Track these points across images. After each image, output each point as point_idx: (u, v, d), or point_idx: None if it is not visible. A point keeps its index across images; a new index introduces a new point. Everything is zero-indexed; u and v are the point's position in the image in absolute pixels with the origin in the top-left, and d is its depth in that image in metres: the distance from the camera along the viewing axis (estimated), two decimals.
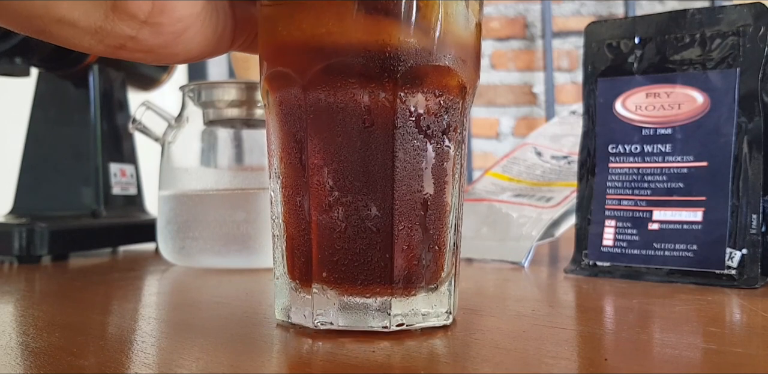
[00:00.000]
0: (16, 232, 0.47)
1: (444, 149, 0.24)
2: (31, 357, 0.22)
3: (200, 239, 0.44)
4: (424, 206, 0.24)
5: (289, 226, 0.25)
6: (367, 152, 0.23)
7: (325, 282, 0.24)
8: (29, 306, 0.32)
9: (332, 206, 0.23)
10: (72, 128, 0.58)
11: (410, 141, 0.23)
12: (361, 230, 0.23)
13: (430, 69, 0.23)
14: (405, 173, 0.23)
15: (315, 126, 0.23)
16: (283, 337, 0.24)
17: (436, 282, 0.25)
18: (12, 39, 0.51)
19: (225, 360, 0.21)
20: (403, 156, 0.23)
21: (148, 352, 0.22)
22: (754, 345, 0.23)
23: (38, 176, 0.57)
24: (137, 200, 0.62)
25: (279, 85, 0.25)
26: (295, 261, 0.25)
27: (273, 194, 0.26)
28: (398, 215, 0.23)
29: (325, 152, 0.23)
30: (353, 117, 0.23)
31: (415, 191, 0.24)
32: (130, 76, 0.63)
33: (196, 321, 0.27)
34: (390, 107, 0.23)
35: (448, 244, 0.25)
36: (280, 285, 0.26)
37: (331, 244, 0.24)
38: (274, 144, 0.25)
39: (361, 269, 0.23)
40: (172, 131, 0.48)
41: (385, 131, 0.23)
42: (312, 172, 0.24)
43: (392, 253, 0.23)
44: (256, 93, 0.46)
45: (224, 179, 0.48)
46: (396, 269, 0.23)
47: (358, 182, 0.23)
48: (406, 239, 0.24)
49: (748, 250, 0.35)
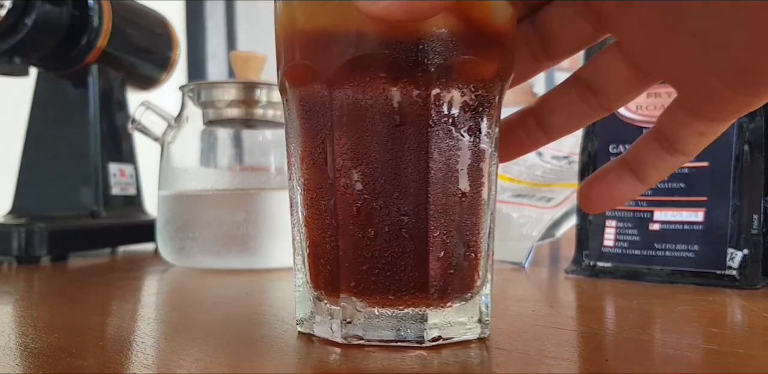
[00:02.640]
0: (15, 232, 0.47)
1: (480, 148, 0.22)
2: (30, 358, 0.21)
3: (200, 240, 0.44)
4: (459, 209, 0.22)
5: (313, 231, 0.23)
6: (399, 153, 0.21)
7: (353, 293, 0.22)
8: (28, 306, 0.32)
9: (361, 210, 0.22)
10: (71, 127, 0.58)
11: (445, 140, 0.22)
12: (393, 236, 0.21)
13: (467, 61, 0.21)
14: (440, 175, 0.22)
15: (341, 124, 0.22)
16: (283, 338, 0.24)
17: (471, 291, 0.23)
18: (11, 38, 0.51)
19: (224, 361, 0.21)
20: (438, 156, 0.21)
21: (148, 353, 0.22)
22: (755, 345, 0.23)
23: (37, 176, 0.57)
24: (136, 200, 0.62)
25: (301, 80, 0.23)
26: (319, 269, 0.23)
27: (293, 196, 0.24)
28: (433, 220, 0.21)
29: (353, 152, 0.22)
30: (383, 114, 0.21)
31: (451, 193, 0.22)
32: (130, 76, 0.63)
33: (196, 322, 0.27)
34: (423, 104, 0.21)
35: (483, 249, 0.23)
36: (302, 295, 0.24)
37: (360, 252, 0.22)
38: (295, 143, 0.24)
39: (394, 279, 0.22)
40: (171, 130, 0.48)
41: (419, 129, 0.21)
42: (338, 174, 0.22)
43: (427, 261, 0.22)
44: (255, 93, 0.46)
45: (224, 179, 0.48)
46: (431, 278, 0.22)
47: (390, 184, 0.21)
48: (442, 245, 0.22)
49: (749, 250, 0.35)
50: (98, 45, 0.56)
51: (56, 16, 0.53)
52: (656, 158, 0.23)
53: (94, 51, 0.56)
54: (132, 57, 0.62)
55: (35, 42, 0.52)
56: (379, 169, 0.21)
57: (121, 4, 0.60)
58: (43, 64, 0.57)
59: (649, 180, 0.23)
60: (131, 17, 0.61)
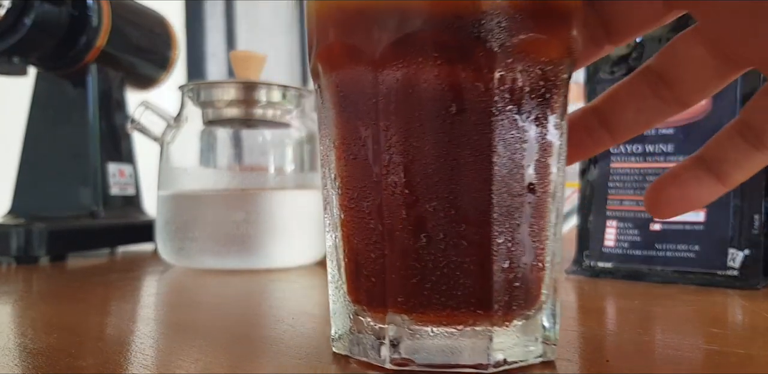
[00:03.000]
0: (14, 232, 0.47)
1: (548, 140, 0.19)
2: (29, 359, 0.21)
3: (199, 240, 0.44)
4: (526, 212, 0.19)
5: (352, 237, 0.20)
6: (457, 145, 0.18)
7: (401, 309, 0.19)
8: (27, 306, 0.32)
9: (411, 213, 0.19)
10: (70, 127, 0.58)
11: (510, 131, 0.19)
12: (450, 243, 0.19)
13: (535, 40, 0.18)
14: (505, 171, 0.19)
15: (389, 113, 0.19)
16: (282, 338, 0.24)
17: (534, 306, 0.20)
18: (10, 38, 0.51)
19: (224, 361, 0.21)
20: (503, 150, 0.18)
21: (147, 353, 0.22)
22: (756, 346, 0.23)
23: (36, 177, 0.57)
24: (136, 200, 0.62)
25: (339, 62, 0.20)
26: (360, 281, 0.20)
27: (327, 196, 0.21)
28: (497, 225, 0.19)
29: (402, 145, 0.19)
30: (439, 101, 0.18)
31: (516, 193, 0.19)
32: (129, 76, 0.63)
33: (195, 322, 0.27)
34: (485, 88, 0.18)
35: (550, 258, 0.20)
36: (339, 310, 0.21)
37: (410, 261, 0.19)
38: (331, 136, 0.21)
39: (450, 293, 0.19)
40: (171, 130, 0.48)
41: (480, 118, 0.18)
42: (385, 171, 0.19)
43: (490, 272, 0.19)
44: (255, 93, 0.46)
45: (223, 179, 0.48)
46: (495, 292, 0.19)
47: (446, 183, 0.18)
48: (506, 254, 0.19)
49: (751, 251, 0.35)
50: (97, 45, 0.56)
51: (55, 16, 0.53)
52: (740, 155, 0.20)
53: (93, 51, 0.56)
54: (131, 57, 0.62)
55: (34, 42, 0.52)
56: (433, 164, 0.18)
57: (121, 3, 0.59)
58: (42, 64, 0.57)
59: (731, 180, 0.21)
60: (130, 17, 0.61)
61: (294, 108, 0.48)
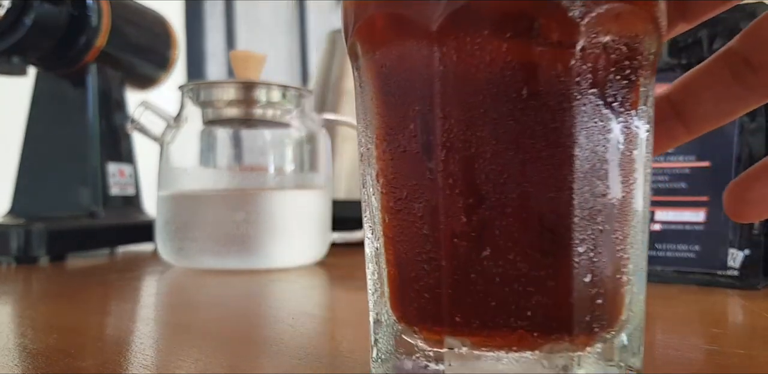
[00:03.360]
0: (14, 233, 0.47)
1: (633, 131, 0.17)
2: (28, 359, 0.21)
3: (199, 240, 0.44)
4: (609, 216, 0.16)
5: (399, 245, 0.17)
6: (531, 137, 0.15)
7: (461, 331, 0.16)
8: (27, 307, 0.32)
9: (474, 218, 0.16)
10: (70, 127, 0.58)
11: (593, 119, 0.16)
12: (523, 254, 0.16)
13: (622, 10, 0.16)
14: (587, 167, 0.16)
15: (447, 99, 0.16)
16: (282, 338, 0.24)
17: (615, 327, 0.17)
18: (9, 38, 0.51)
19: (223, 362, 0.21)
20: (585, 141, 0.16)
21: (147, 353, 0.22)
22: (756, 346, 0.23)
23: (36, 177, 0.57)
24: (135, 200, 0.62)
25: (384, 38, 0.17)
26: (409, 296, 0.17)
27: (368, 196, 0.18)
28: (578, 231, 0.16)
29: (464, 136, 0.16)
30: (509, 83, 0.15)
31: (599, 193, 0.16)
32: (129, 76, 0.63)
33: (195, 322, 0.27)
34: (564, 69, 0.15)
35: (634, 269, 0.17)
36: (381, 328, 0.18)
37: (473, 275, 0.16)
38: (372, 126, 0.18)
39: (522, 313, 0.16)
40: (170, 130, 0.48)
41: (558, 103, 0.15)
42: (442, 167, 0.16)
43: (569, 287, 0.16)
44: (255, 93, 0.46)
45: (223, 179, 0.48)
46: (576, 311, 0.16)
47: (516, 182, 0.15)
48: (588, 266, 0.16)
49: (751, 251, 0.35)
50: (97, 45, 0.56)
51: (55, 16, 0.53)
52: None
53: (92, 51, 0.56)
54: (131, 57, 0.62)
55: (34, 41, 0.52)
56: (500, 159, 0.15)
57: (120, 3, 0.59)
58: (42, 64, 0.57)
59: None
60: (130, 17, 0.61)
61: (294, 108, 0.48)
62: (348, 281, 0.41)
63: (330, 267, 0.46)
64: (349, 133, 0.64)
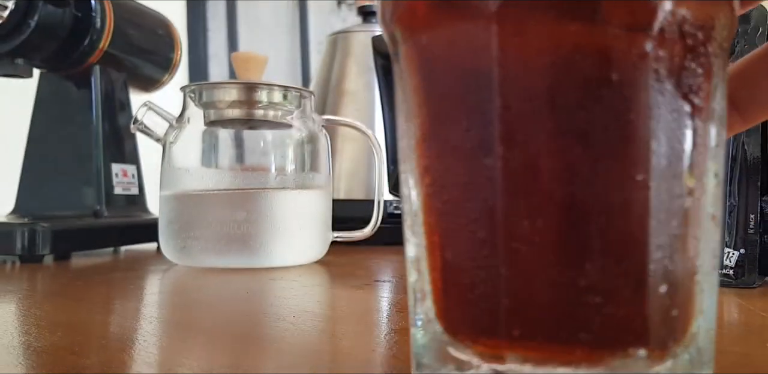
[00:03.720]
0: (19, 232, 0.47)
1: (707, 125, 0.15)
2: (33, 357, 0.22)
3: (201, 239, 0.44)
4: (684, 220, 0.14)
5: (448, 249, 0.16)
6: (604, 131, 0.14)
7: (519, 345, 0.14)
8: (31, 305, 0.33)
9: (540, 221, 0.14)
10: (74, 128, 0.58)
11: (669, 112, 0.14)
12: (594, 261, 0.14)
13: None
14: (665, 165, 0.14)
15: (509, 88, 0.14)
16: (283, 336, 0.24)
17: (685, 341, 0.15)
18: (14, 39, 0.51)
19: (226, 359, 0.21)
20: (662, 137, 0.14)
21: (150, 351, 0.22)
22: (752, 344, 0.23)
23: (40, 176, 0.57)
24: (139, 200, 0.62)
25: (432, 22, 0.15)
26: (460, 306, 0.16)
27: (409, 194, 0.17)
28: (655, 236, 0.14)
29: (528, 130, 0.14)
30: (578, 71, 0.14)
31: (676, 194, 0.14)
32: (132, 77, 0.63)
33: (197, 321, 0.27)
34: (641, 54, 0.14)
35: (705, 279, 0.15)
36: (426, 339, 0.16)
37: (535, 284, 0.14)
38: (416, 119, 0.16)
39: (590, 325, 0.14)
40: (173, 131, 0.48)
41: (634, 93, 0.14)
42: (502, 164, 0.14)
43: (644, 297, 0.14)
44: (256, 94, 0.46)
45: (225, 179, 0.48)
46: (652, 322, 0.14)
47: (587, 181, 0.14)
48: (663, 273, 0.14)
49: (746, 250, 0.35)
50: (100, 46, 0.57)
51: (59, 18, 0.53)
52: None
53: (96, 52, 0.57)
54: (134, 58, 0.63)
55: (38, 43, 0.53)
56: (570, 156, 0.14)
57: (123, 5, 0.60)
58: (46, 65, 0.58)
59: None
60: (133, 18, 0.62)
61: (295, 109, 0.48)
62: (348, 279, 0.41)
63: (330, 266, 0.46)
64: (349, 133, 0.65)
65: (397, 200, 0.62)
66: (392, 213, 0.61)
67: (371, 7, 0.70)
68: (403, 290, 0.36)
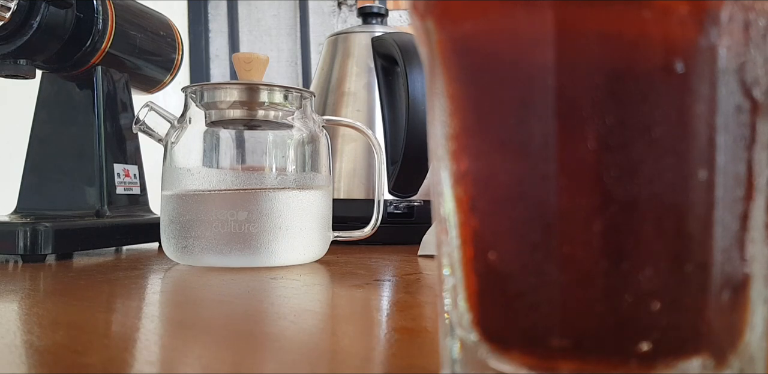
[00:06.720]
0: (21, 231, 0.48)
1: (763, 121, 0.14)
2: (35, 356, 0.22)
3: (202, 239, 0.45)
4: (744, 222, 0.14)
5: (493, 253, 0.14)
6: (668, 125, 0.13)
7: (571, 356, 0.13)
8: (33, 304, 0.33)
9: (599, 223, 0.13)
10: (76, 128, 0.58)
11: (733, 106, 0.13)
12: (657, 266, 0.13)
13: None
14: (728, 161, 0.13)
15: (567, 80, 0.13)
16: (284, 334, 0.24)
17: (736, 351, 0.14)
18: (17, 40, 0.51)
19: (227, 358, 0.21)
20: (728, 132, 0.13)
21: (152, 350, 0.22)
22: None
23: (42, 176, 0.58)
24: (141, 199, 0.62)
25: (475, 8, 0.14)
26: (504, 313, 0.14)
27: (443, 194, 0.16)
28: (719, 241, 0.13)
29: (585, 123, 0.13)
30: (642, 60, 0.13)
31: (738, 197, 0.13)
32: (134, 78, 0.63)
33: (199, 320, 0.28)
34: (710, 42, 0.13)
35: (758, 285, 0.14)
36: (458, 348, 0.15)
37: (592, 290, 0.13)
38: (453, 116, 0.15)
39: (648, 334, 0.13)
40: (174, 131, 0.48)
41: (700, 83, 0.13)
42: (558, 162, 0.13)
43: (706, 303, 0.13)
44: (257, 94, 0.46)
45: (226, 179, 0.48)
46: (713, 330, 0.14)
47: (652, 180, 0.13)
48: (723, 278, 0.13)
49: None
50: (103, 47, 0.57)
51: (61, 19, 0.54)
52: None
53: (98, 53, 0.57)
54: (136, 59, 0.63)
55: (41, 44, 0.53)
56: (633, 153, 0.13)
57: (125, 6, 0.60)
58: (48, 66, 0.58)
59: None
60: (135, 19, 0.62)
61: (296, 109, 0.48)
62: (348, 278, 0.41)
63: (331, 265, 0.47)
64: (349, 133, 0.65)
65: (397, 200, 0.62)
66: (392, 213, 0.61)
67: (371, 8, 0.71)
68: (403, 289, 0.37)
